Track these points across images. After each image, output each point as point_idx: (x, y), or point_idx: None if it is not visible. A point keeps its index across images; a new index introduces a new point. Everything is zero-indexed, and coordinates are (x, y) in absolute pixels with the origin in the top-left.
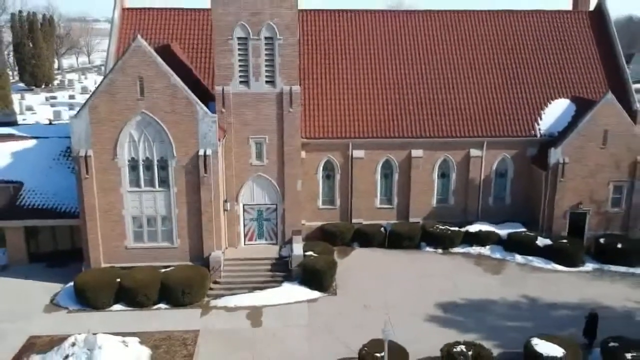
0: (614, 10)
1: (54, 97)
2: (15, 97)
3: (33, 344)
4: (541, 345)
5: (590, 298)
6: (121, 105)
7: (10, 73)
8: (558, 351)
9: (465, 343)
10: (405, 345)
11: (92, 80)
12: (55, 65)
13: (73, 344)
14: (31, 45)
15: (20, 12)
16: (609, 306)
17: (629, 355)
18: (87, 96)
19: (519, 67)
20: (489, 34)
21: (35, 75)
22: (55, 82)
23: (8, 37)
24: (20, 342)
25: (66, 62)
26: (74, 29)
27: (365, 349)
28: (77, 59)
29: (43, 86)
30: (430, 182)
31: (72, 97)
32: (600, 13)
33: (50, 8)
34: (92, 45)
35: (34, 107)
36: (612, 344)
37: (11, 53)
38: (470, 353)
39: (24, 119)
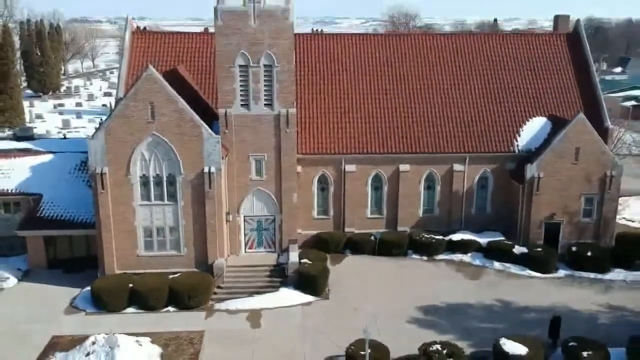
0: (613, 13)
1: (62, 105)
2: (25, 105)
3: (56, 343)
4: (508, 345)
5: (559, 302)
6: (134, 128)
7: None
8: (522, 350)
9: (440, 343)
10: (388, 344)
11: (98, 87)
12: (62, 71)
13: (93, 343)
14: (39, 53)
15: (28, 20)
16: (575, 309)
17: (585, 354)
18: (93, 103)
19: (499, 87)
20: (472, 56)
21: (43, 82)
22: (62, 89)
23: (16, 44)
24: (44, 341)
25: (71, 67)
26: (78, 34)
27: (352, 347)
28: (82, 63)
29: (50, 93)
30: (417, 194)
31: (79, 104)
32: (576, 35)
33: (56, 15)
34: (96, 50)
35: (43, 115)
36: (571, 343)
37: (19, 61)
38: (444, 352)
39: (34, 128)
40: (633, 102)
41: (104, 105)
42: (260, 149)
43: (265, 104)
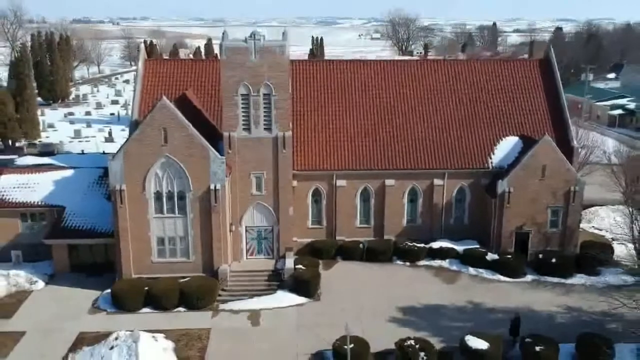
0: (615, 14)
1: (72, 113)
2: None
3: (83, 338)
4: (472, 341)
5: (523, 304)
6: (149, 150)
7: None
8: (484, 345)
9: (414, 339)
10: (369, 339)
11: (105, 94)
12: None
13: (116, 338)
14: (49, 62)
15: (39, 32)
16: (537, 310)
17: (537, 349)
18: (102, 112)
19: (476, 109)
20: (452, 80)
21: (53, 90)
22: (71, 97)
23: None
24: (72, 337)
25: (77, 73)
26: (85, 41)
27: (338, 342)
28: (87, 69)
29: (59, 101)
30: (401, 206)
31: (88, 113)
32: (548, 61)
33: (64, 24)
34: (101, 56)
35: (55, 125)
36: (527, 340)
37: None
38: (417, 347)
39: (47, 137)
40: (620, 111)
41: (111, 114)
42: (260, 167)
43: (264, 128)
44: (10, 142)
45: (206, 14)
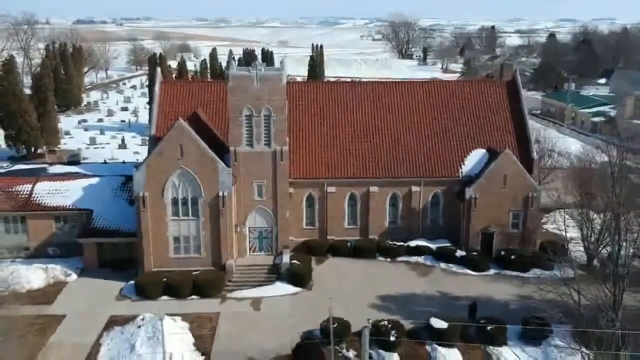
0: (616, 16)
1: (85, 120)
2: None
3: (114, 321)
4: (435, 322)
5: (484, 293)
6: (167, 163)
7: None
8: (444, 325)
9: (387, 320)
10: (350, 320)
11: (114, 100)
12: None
13: (142, 319)
14: (63, 72)
15: (53, 43)
16: (495, 298)
17: (488, 328)
18: (113, 119)
19: (449, 125)
20: (429, 99)
21: (67, 98)
22: (83, 104)
23: (38, 60)
24: (105, 319)
25: (87, 79)
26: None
27: (325, 323)
28: (96, 75)
29: (72, 108)
30: (384, 209)
31: (100, 120)
32: (513, 82)
33: (75, 34)
34: (109, 62)
35: (70, 132)
36: (482, 321)
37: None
38: (389, 326)
39: (64, 143)
40: (602, 118)
41: (122, 121)
42: (261, 177)
43: (264, 144)
44: (32, 149)
45: (209, 14)
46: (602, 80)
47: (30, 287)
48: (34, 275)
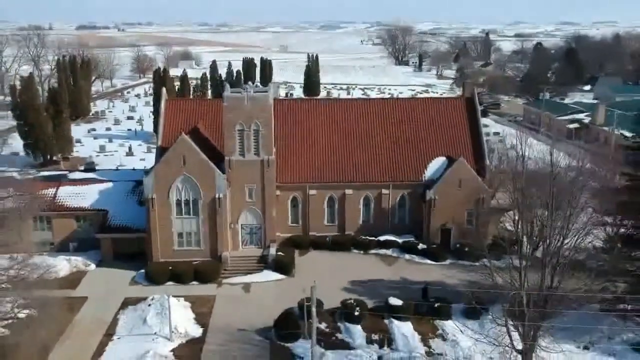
0: (617, 19)
1: (94, 129)
2: None
3: (128, 302)
4: (392, 300)
5: (438, 279)
6: (172, 170)
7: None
8: (399, 302)
9: (354, 300)
10: (324, 300)
11: (120, 109)
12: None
13: (152, 299)
14: (72, 83)
15: (64, 56)
16: (447, 283)
17: (436, 305)
18: (120, 127)
19: (414, 136)
20: (397, 114)
21: (77, 108)
22: (91, 113)
23: (47, 71)
24: (120, 301)
25: (93, 88)
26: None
27: (301, 301)
28: (102, 84)
29: (82, 117)
30: (358, 209)
31: (108, 129)
32: (471, 99)
33: (81, 41)
34: (114, 71)
35: (81, 140)
36: (431, 299)
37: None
38: (355, 304)
39: (76, 151)
40: (576, 125)
41: (129, 129)
42: (252, 182)
43: (254, 153)
44: (48, 156)
45: (210, 19)
46: (587, 87)
47: (57, 275)
48: (59, 265)
